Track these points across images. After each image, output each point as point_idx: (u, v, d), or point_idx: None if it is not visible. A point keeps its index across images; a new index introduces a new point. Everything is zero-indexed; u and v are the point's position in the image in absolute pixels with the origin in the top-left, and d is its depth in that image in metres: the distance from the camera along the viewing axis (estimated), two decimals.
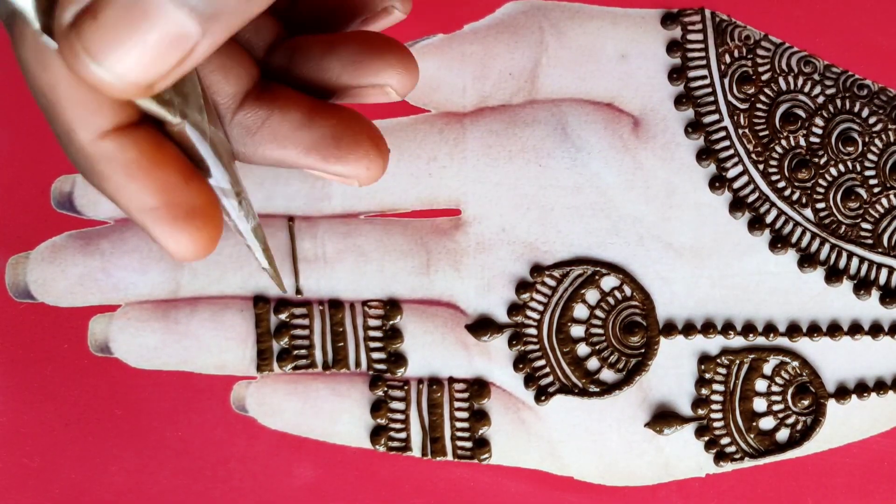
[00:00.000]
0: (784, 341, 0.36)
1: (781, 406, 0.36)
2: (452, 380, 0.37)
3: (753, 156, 0.36)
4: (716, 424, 0.36)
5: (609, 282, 0.37)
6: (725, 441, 0.36)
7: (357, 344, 0.37)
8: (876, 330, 0.36)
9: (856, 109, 0.36)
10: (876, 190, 0.36)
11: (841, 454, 0.37)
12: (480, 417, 0.37)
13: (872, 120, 0.36)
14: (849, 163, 0.36)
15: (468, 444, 0.37)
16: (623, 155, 0.36)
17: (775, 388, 0.36)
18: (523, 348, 0.37)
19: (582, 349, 0.37)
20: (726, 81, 0.36)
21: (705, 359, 0.36)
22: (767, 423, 0.36)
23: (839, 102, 0.36)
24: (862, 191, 0.36)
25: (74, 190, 0.36)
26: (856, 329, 0.36)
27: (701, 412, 0.36)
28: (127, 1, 0.22)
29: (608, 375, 0.36)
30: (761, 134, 0.36)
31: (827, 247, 0.36)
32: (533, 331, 0.37)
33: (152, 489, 0.37)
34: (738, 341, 0.36)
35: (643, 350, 0.36)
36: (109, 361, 0.37)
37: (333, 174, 0.29)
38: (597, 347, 0.37)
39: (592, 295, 0.37)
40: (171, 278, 0.36)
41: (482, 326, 0.36)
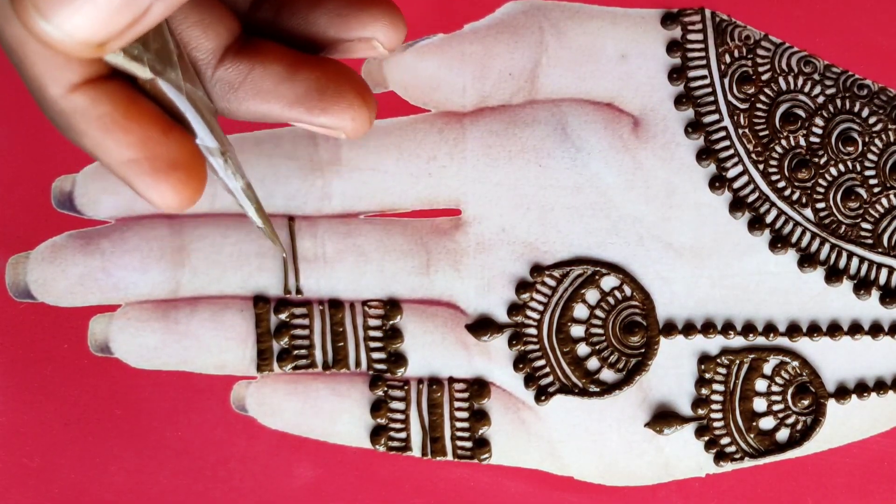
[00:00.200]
0: (784, 341, 0.36)
1: (781, 406, 0.36)
2: (452, 380, 0.37)
3: (753, 156, 0.36)
4: (716, 424, 0.36)
5: (609, 282, 0.37)
6: (725, 441, 0.36)
7: (357, 344, 0.37)
8: (876, 330, 0.36)
9: (856, 109, 0.36)
10: (876, 190, 0.36)
11: (841, 454, 0.37)
12: (480, 417, 0.37)
13: (872, 120, 0.36)
14: (849, 163, 0.36)
15: (468, 444, 0.37)
16: (623, 155, 0.36)
17: (775, 388, 0.36)
18: (523, 348, 0.37)
19: (582, 349, 0.37)
20: (726, 81, 0.36)
21: (705, 359, 0.36)
22: (767, 423, 0.36)
23: (839, 102, 0.36)
24: (862, 191, 0.36)
25: (74, 189, 0.36)
26: (856, 329, 0.36)
27: (701, 412, 0.36)
28: None
29: (608, 375, 0.36)
30: (761, 134, 0.36)
31: (827, 247, 0.36)
32: (533, 331, 0.37)
33: (152, 489, 0.37)
34: (738, 341, 0.36)
35: (643, 350, 0.36)
36: (109, 361, 0.37)
37: (319, 126, 0.29)
38: (597, 347, 0.37)
39: (592, 295, 0.37)
40: (171, 278, 0.36)
41: (482, 326, 0.36)
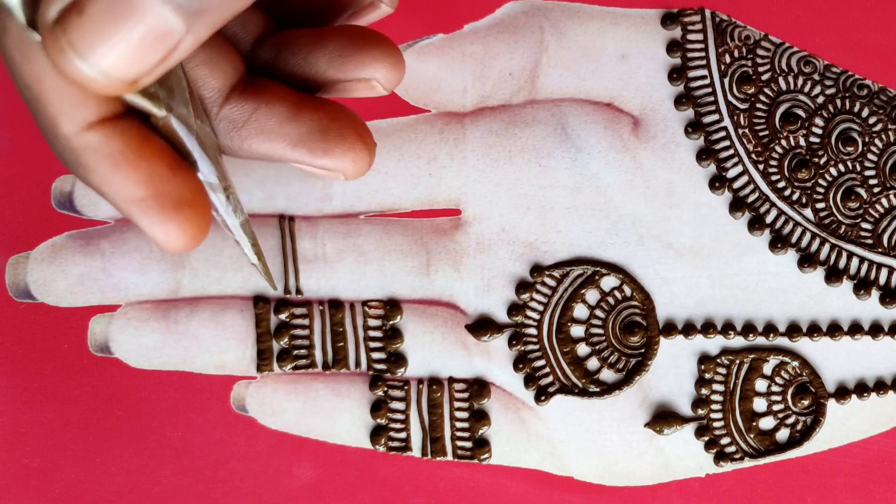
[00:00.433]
0: (784, 341, 0.36)
1: (781, 406, 0.36)
2: (452, 380, 0.37)
3: (753, 156, 0.36)
4: (716, 424, 0.36)
5: (609, 282, 0.37)
6: (725, 441, 0.36)
7: (357, 344, 0.37)
8: (876, 330, 0.36)
9: (856, 109, 0.36)
10: (876, 190, 0.36)
11: (841, 454, 0.37)
12: (480, 417, 0.37)
13: (872, 120, 0.36)
14: (849, 163, 0.36)
15: (468, 444, 0.37)
16: (623, 155, 0.36)
17: (775, 388, 0.36)
18: (523, 348, 0.37)
19: (582, 349, 0.37)
20: (726, 81, 0.36)
21: (705, 359, 0.36)
22: (767, 423, 0.36)
23: (839, 102, 0.36)
24: (862, 191, 0.36)
25: (74, 190, 0.36)
26: (856, 329, 0.36)
27: (701, 412, 0.36)
28: None
29: (608, 375, 0.36)
30: (761, 134, 0.36)
31: (827, 247, 0.36)
32: (533, 331, 0.37)
33: (152, 489, 0.37)
34: (738, 341, 0.36)
35: (643, 350, 0.36)
36: (109, 361, 0.37)
37: (320, 168, 0.29)
38: (597, 347, 0.37)
39: (592, 295, 0.37)
40: (171, 278, 0.36)
41: (482, 326, 0.36)
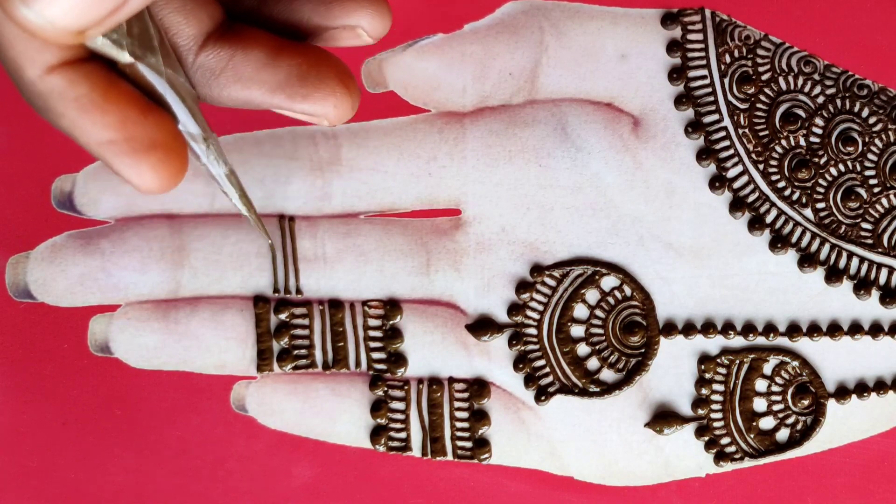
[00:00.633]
0: (784, 341, 0.36)
1: (781, 406, 0.36)
2: (452, 380, 0.37)
3: (753, 156, 0.36)
4: (716, 424, 0.36)
5: (609, 282, 0.37)
6: (725, 441, 0.36)
7: (357, 344, 0.37)
8: (876, 330, 0.36)
9: (856, 109, 0.36)
10: (876, 190, 0.36)
11: (841, 454, 0.37)
12: (480, 417, 0.37)
13: (872, 120, 0.36)
14: (849, 163, 0.36)
15: (468, 444, 0.37)
16: (623, 155, 0.36)
17: (775, 388, 0.36)
18: (523, 348, 0.37)
19: (582, 349, 0.37)
20: (726, 81, 0.36)
21: (705, 359, 0.36)
22: (767, 423, 0.36)
23: (839, 102, 0.36)
24: (862, 191, 0.36)
25: (74, 189, 0.36)
26: (856, 329, 0.36)
27: (701, 412, 0.36)
28: None
29: (608, 375, 0.36)
30: (761, 134, 0.36)
31: (827, 247, 0.36)
32: (533, 331, 0.37)
33: (152, 489, 0.37)
34: (738, 341, 0.36)
35: (643, 350, 0.36)
36: (109, 361, 0.37)
37: (301, 113, 0.29)
38: (597, 347, 0.37)
39: (592, 295, 0.37)
40: (171, 278, 0.36)
41: (482, 326, 0.36)
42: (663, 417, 0.36)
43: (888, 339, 0.36)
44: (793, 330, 0.36)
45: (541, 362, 0.37)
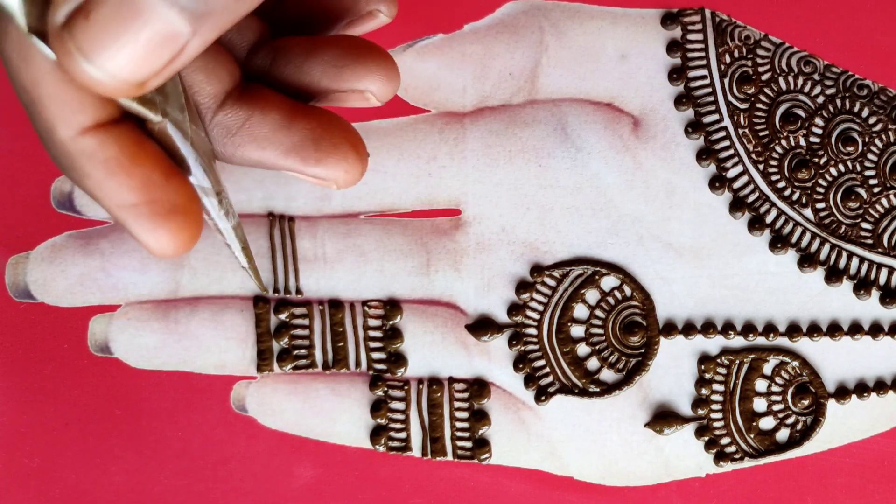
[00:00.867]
0: (784, 341, 0.36)
1: (781, 406, 0.36)
2: (452, 380, 0.37)
3: (753, 156, 0.36)
4: (716, 424, 0.36)
5: (609, 282, 0.37)
6: (725, 441, 0.36)
7: (357, 344, 0.37)
8: (876, 330, 0.36)
9: (856, 109, 0.36)
10: (876, 190, 0.36)
11: (841, 454, 0.37)
12: (480, 417, 0.37)
13: (872, 120, 0.36)
14: (849, 163, 0.36)
15: (468, 444, 0.37)
16: (623, 155, 0.36)
17: (775, 388, 0.36)
18: (523, 348, 0.37)
19: (582, 349, 0.37)
20: (726, 81, 0.36)
21: (705, 359, 0.36)
22: (767, 423, 0.36)
23: (839, 102, 0.36)
24: (862, 191, 0.36)
25: (74, 190, 0.36)
26: (856, 329, 0.36)
27: (701, 412, 0.36)
28: (119, 0, 0.22)
29: (608, 375, 0.36)
30: (761, 134, 0.36)
31: (827, 247, 0.36)
32: (533, 331, 0.37)
33: (152, 489, 0.37)
34: (738, 341, 0.36)
35: (643, 350, 0.36)
36: (109, 361, 0.37)
37: (312, 176, 0.29)
38: (597, 347, 0.37)
39: (592, 295, 0.37)
40: (171, 278, 0.36)
41: (482, 326, 0.36)
42: (663, 417, 0.36)
43: (888, 339, 0.36)
44: (793, 330, 0.36)
45: (541, 362, 0.37)
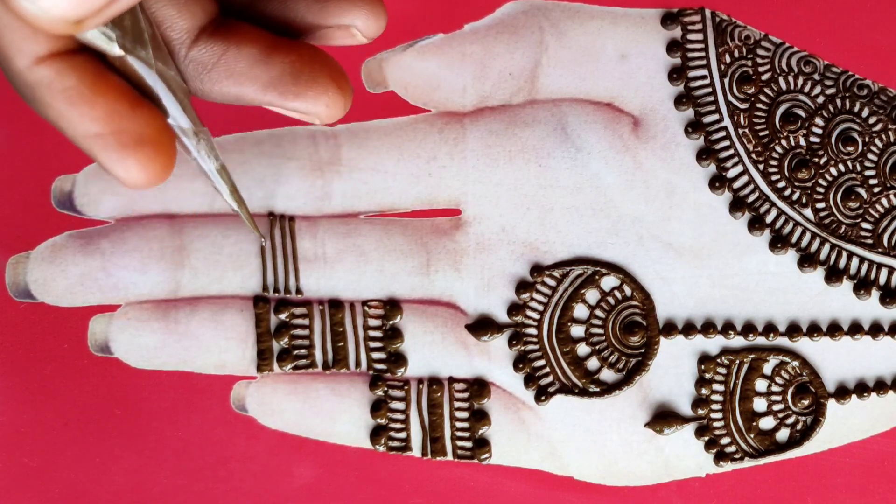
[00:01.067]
0: (784, 341, 0.36)
1: (781, 406, 0.36)
2: (452, 380, 0.37)
3: (753, 156, 0.36)
4: (716, 424, 0.36)
5: (609, 282, 0.37)
6: (725, 441, 0.36)
7: (357, 344, 0.37)
8: (876, 330, 0.36)
9: (856, 109, 0.36)
10: (876, 190, 0.36)
11: (841, 454, 0.37)
12: (480, 417, 0.37)
13: (872, 120, 0.36)
14: (849, 163, 0.36)
15: (468, 444, 0.37)
16: (623, 155, 0.36)
17: (775, 388, 0.36)
18: (523, 348, 0.37)
19: (582, 349, 0.37)
20: (726, 81, 0.36)
21: (705, 359, 0.36)
22: (767, 423, 0.36)
23: (839, 102, 0.36)
24: (862, 191, 0.36)
25: (75, 189, 0.36)
26: (856, 329, 0.36)
27: (701, 412, 0.36)
28: None
29: (608, 375, 0.36)
30: (761, 134, 0.36)
31: (827, 247, 0.36)
32: (533, 331, 0.37)
33: (152, 489, 0.37)
34: (738, 341, 0.36)
35: (643, 350, 0.36)
36: (109, 361, 0.37)
37: (292, 111, 0.29)
38: (597, 347, 0.37)
39: (592, 295, 0.37)
40: (171, 278, 0.36)
41: (482, 326, 0.36)
42: (663, 417, 0.36)
43: (888, 339, 0.36)
44: (793, 330, 0.36)
45: (541, 362, 0.37)
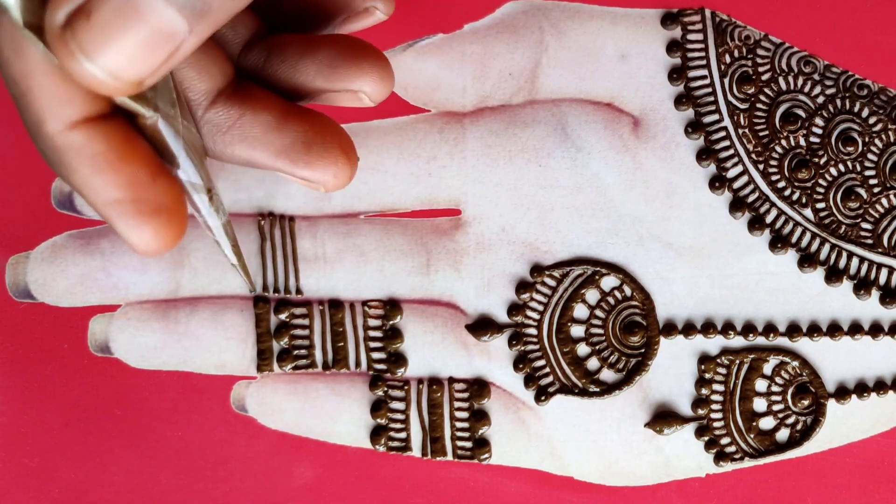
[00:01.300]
0: (784, 341, 0.36)
1: (781, 406, 0.36)
2: (452, 380, 0.37)
3: (753, 156, 0.36)
4: (716, 424, 0.36)
5: (609, 282, 0.37)
6: (725, 441, 0.36)
7: (357, 344, 0.37)
8: (876, 330, 0.36)
9: (856, 109, 0.36)
10: (876, 190, 0.36)
11: (841, 454, 0.37)
12: (480, 417, 0.37)
13: (872, 120, 0.36)
14: (849, 163, 0.36)
15: (468, 444, 0.37)
16: (623, 155, 0.36)
17: (775, 388, 0.36)
18: (523, 348, 0.37)
19: (582, 349, 0.37)
20: (726, 81, 0.36)
21: (705, 359, 0.36)
22: (767, 423, 0.36)
23: (839, 102, 0.36)
24: (862, 191, 0.36)
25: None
26: (856, 329, 0.36)
27: (701, 412, 0.36)
28: (119, 0, 0.23)
29: (608, 375, 0.36)
30: (761, 134, 0.36)
31: (827, 247, 0.36)
32: (533, 331, 0.37)
33: (152, 489, 0.37)
34: (738, 341, 0.36)
35: (643, 350, 0.36)
36: (109, 361, 0.37)
37: (301, 179, 0.29)
38: (597, 347, 0.37)
39: (592, 295, 0.37)
40: (171, 278, 0.36)
41: (482, 326, 0.36)
42: (663, 417, 0.36)
43: (888, 339, 0.36)
44: (793, 330, 0.36)
45: (541, 362, 0.37)
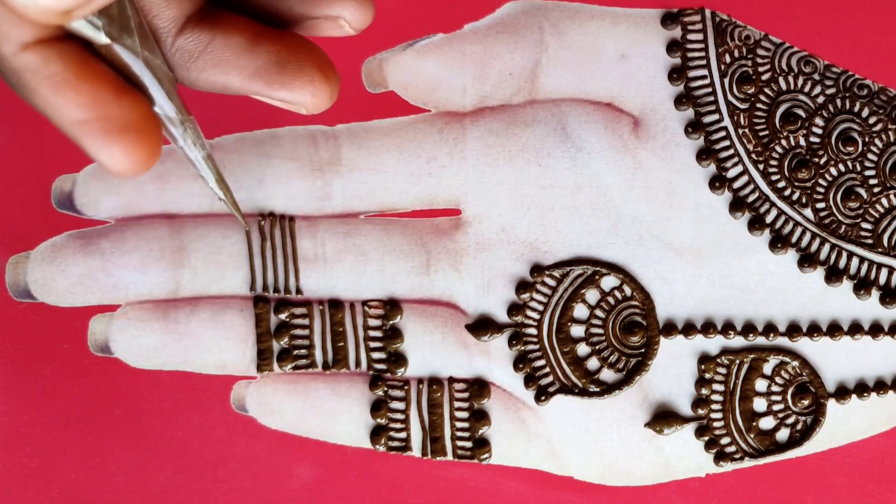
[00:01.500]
0: (784, 341, 0.36)
1: (781, 406, 0.36)
2: (452, 380, 0.37)
3: (753, 156, 0.36)
4: (716, 424, 0.36)
5: (609, 282, 0.37)
6: (725, 441, 0.36)
7: (357, 344, 0.37)
8: (876, 330, 0.36)
9: (856, 109, 0.36)
10: (876, 190, 0.36)
11: (841, 454, 0.37)
12: (480, 417, 0.37)
13: (872, 120, 0.36)
14: (849, 163, 0.36)
15: (468, 444, 0.37)
16: (623, 155, 0.36)
17: (775, 388, 0.36)
18: (523, 348, 0.37)
19: (582, 349, 0.37)
20: (726, 81, 0.36)
21: (705, 359, 0.36)
22: (767, 423, 0.36)
23: (839, 102, 0.36)
24: (862, 191, 0.36)
25: (75, 189, 0.36)
26: (856, 329, 0.36)
27: (701, 412, 0.36)
28: None
29: (608, 375, 0.36)
30: (761, 134, 0.36)
31: (827, 247, 0.36)
32: (533, 331, 0.37)
33: (152, 489, 0.37)
34: (738, 341, 0.36)
35: (643, 350, 0.36)
36: (109, 361, 0.37)
37: (279, 100, 0.29)
38: (597, 347, 0.37)
39: (592, 295, 0.37)
40: (171, 278, 0.36)
41: (482, 326, 0.36)
42: (663, 417, 0.36)
43: (888, 339, 0.36)
44: (793, 330, 0.36)
45: (541, 362, 0.37)
